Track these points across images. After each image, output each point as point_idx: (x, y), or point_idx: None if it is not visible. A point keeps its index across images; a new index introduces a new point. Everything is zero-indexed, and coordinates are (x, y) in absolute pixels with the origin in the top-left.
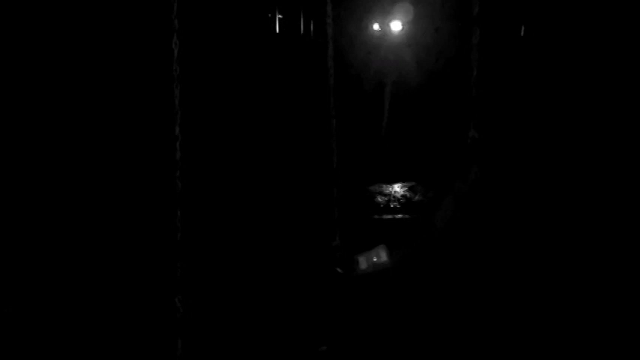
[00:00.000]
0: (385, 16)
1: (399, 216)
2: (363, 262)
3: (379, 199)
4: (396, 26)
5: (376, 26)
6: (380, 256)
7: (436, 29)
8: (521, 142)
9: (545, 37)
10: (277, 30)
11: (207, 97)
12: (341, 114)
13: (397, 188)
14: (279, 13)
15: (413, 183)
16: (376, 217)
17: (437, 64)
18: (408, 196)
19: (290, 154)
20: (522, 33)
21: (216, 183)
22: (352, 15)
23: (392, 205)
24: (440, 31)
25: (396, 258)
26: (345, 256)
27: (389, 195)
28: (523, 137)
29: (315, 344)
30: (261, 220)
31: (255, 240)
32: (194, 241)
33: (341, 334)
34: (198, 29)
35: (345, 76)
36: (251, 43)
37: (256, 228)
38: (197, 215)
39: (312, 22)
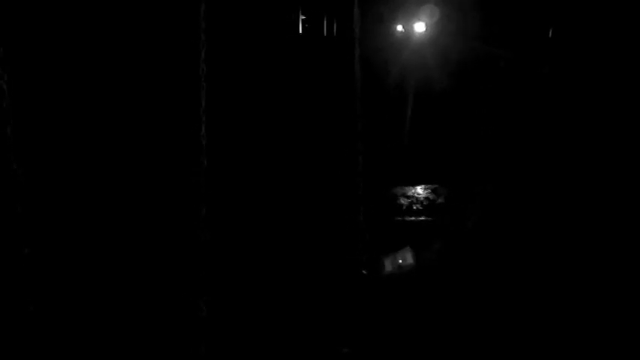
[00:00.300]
0: (409, 18)
1: (422, 218)
2: (388, 265)
3: (402, 201)
4: (419, 27)
5: (400, 27)
6: (405, 258)
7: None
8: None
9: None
10: (300, 31)
11: (233, 97)
12: (364, 115)
13: (420, 190)
14: (303, 15)
15: (435, 185)
16: (399, 219)
17: (460, 66)
18: (431, 198)
19: (315, 156)
20: (550, 34)
21: (242, 184)
22: (376, 16)
23: (414, 208)
24: (465, 35)
25: (421, 260)
26: (371, 257)
27: (411, 197)
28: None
29: (337, 346)
30: (286, 221)
31: (280, 241)
32: (219, 240)
33: (364, 337)
34: (224, 30)
35: (368, 77)
36: (275, 45)
37: (282, 229)
38: (223, 215)
39: (335, 23)
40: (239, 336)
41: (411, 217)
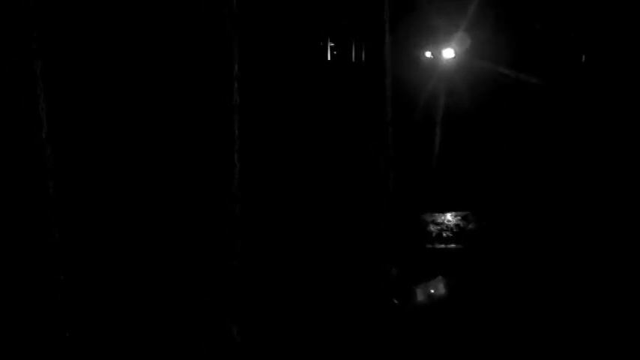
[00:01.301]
0: (438, 44)
1: (452, 246)
2: (420, 294)
3: (432, 227)
4: (448, 54)
5: (428, 54)
6: (438, 288)
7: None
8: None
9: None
10: (329, 58)
11: (263, 125)
12: (394, 142)
13: (450, 217)
14: (331, 41)
15: (466, 212)
16: (429, 246)
17: (488, 93)
18: (461, 225)
19: (346, 182)
20: (584, 60)
21: (272, 218)
22: (404, 43)
23: (444, 235)
24: (496, 62)
25: (453, 290)
26: (402, 286)
27: (441, 224)
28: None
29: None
30: (318, 250)
31: (311, 270)
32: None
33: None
34: (256, 60)
35: (397, 103)
36: (303, 72)
37: (313, 258)
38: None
39: (363, 49)
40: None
41: (440, 244)
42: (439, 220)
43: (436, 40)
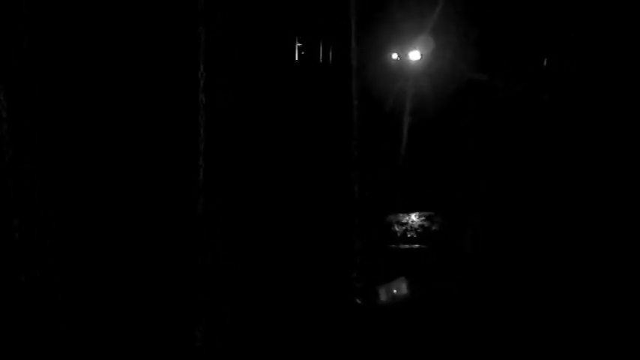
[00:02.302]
0: (404, 46)
1: (416, 246)
2: (383, 294)
3: (396, 228)
4: (414, 56)
5: (395, 56)
6: (400, 288)
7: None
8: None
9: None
10: (296, 58)
11: (228, 124)
12: (359, 143)
13: (414, 218)
14: (299, 42)
15: (430, 213)
16: (393, 246)
17: (454, 96)
18: (426, 225)
19: (310, 182)
20: (545, 64)
21: (234, 215)
22: (370, 44)
23: (409, 235)
24: (460, 64)
25: (417, 290)
26: (365, 287)
27: (406, 224)
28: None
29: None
30: (280, 250)
31: (273, 270)
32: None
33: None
34: (222, 59)
35: (363, 104)
36: (270, 71)
37: (275, 258)
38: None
39: (331, 50)
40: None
41: (405, 244)
42: (404, 221)
43: (402, 42)
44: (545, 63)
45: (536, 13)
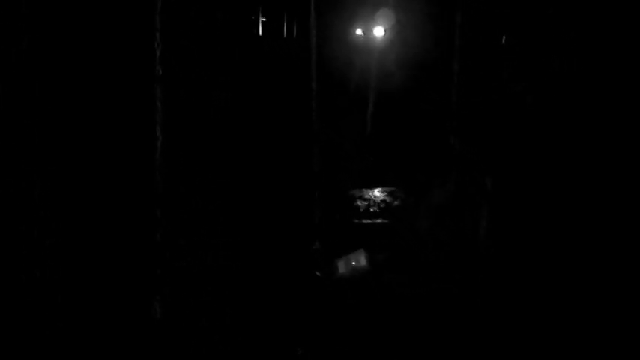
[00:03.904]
0: (368, 22)
1: (379, 221)
2: (342, 266)
3: (359, 203)
4: (378, 32)
5: (359, 31)
6: (359, 260)
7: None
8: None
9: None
10: (260, 32)
11: (188, 98)
12: (323, 118)
13: (377, 193)
14: (263, 16)
15: (393, 188)
16: (356, 221)
17: (418, 70)
18: (388, 201)
19: (271, 158)
20: (504, 41)
21: (196, 183)
22: (335, 20)
23: (372, 210)
24: (423, 39)
25: (375, 262)
26: (325, 259)
27: (369, 200)
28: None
29: (291, 347)
30: (240, 223)
31: (234, 242)
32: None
33: (318, 337)
34: (181, 30)
35: (328, 80)
36: (233, 45)
37: (236, 230)
38: (177, 215)
39: (295, 25)
40: (191, 335)
41: (368, 219)
42: (367, 196)
43: (367, 18)
44: (503, 40)
45: None
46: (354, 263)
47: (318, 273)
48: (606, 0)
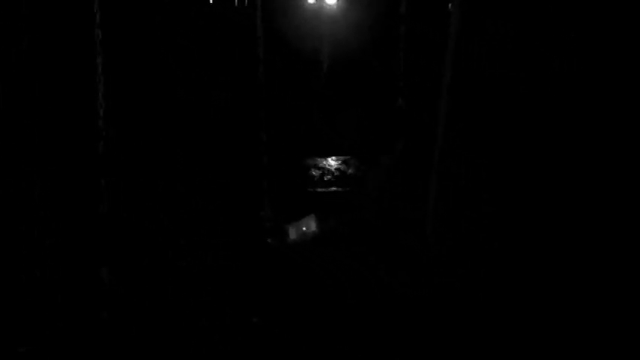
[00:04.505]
0: None
1: (333, 189)
2: (292, 232)
3: (313, 172)
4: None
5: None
6: (309, 226)
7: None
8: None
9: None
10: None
11: (132, 66)
12: (275, 86)
13: (331, 161)
14: None
15: (347, 156)
16: (310, 190)
17: (369, 38)
18: (342, 169)
19: (222, 127)
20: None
21: (140, 152)
22: None
23: (326, 179)
24: (373, 7)
25: (325, 228)
26: (276, 226)
27: (323, 168)
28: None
29: (246, 316)
30: (190, 190)
31: (183, 209)
32: (119, 211)
33: (272, 305)
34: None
35: (279, 48)
36: (182, 12)
37: (185, 198)
38: (122, 185)
39: None
40: (142, 305)
41: (322, 188)
42: (321, 165)
43: None
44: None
45: None
46: (304, 229)
47: (268, 240)
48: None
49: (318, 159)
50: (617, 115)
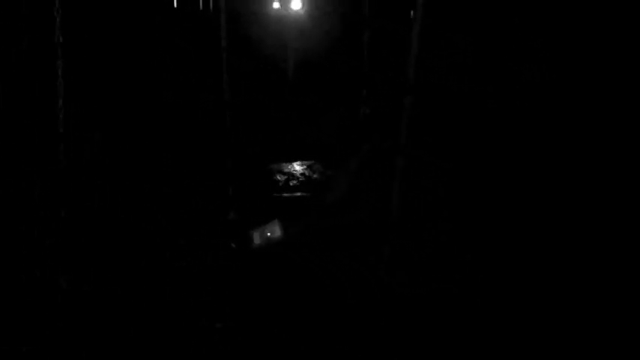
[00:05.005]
0: None
1: (298, 194)
2: (257, 237)
3: (279, 177)
4: (296, 5)
5: (276, 4)
6: (274, 231)
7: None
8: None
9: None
10: (175, 5)
11: (95, 70)
12: (241, 92)
13: (297, 167)
14: None
15: (312, 161)
16: (276, 195)
17: (335, 43)
18: (307, 174)
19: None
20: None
21: (102, 158)
22: None
23: (291, 184)
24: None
25: (289, 233)
26: (240, 231)
27: (288, 173)
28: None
29: (210, 321)
30: (156, 194)
31: (147, 214)
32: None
33: (236, 311)
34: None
35: (244, 53)
36: (147, 18)
37: (150, 203)
38: (82, 189)
39: None
40: (104, 312)
41: (287, 193)
42: (286, 170)
43: None
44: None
45: None
46: (268, 234)
47: (232, 245)
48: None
49: (283, 164)
50: (591, 119)
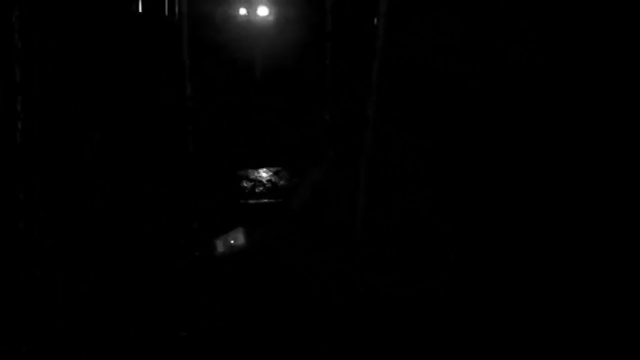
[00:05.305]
0: (252, 1)
1: (264, 200)
2: (220, 245)
3: (245, 183)
4: (262, 12)
5: (243, 11)
6: (237, 238)
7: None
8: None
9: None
10: (140, 10)
11: (57, 77)
12: (205, 99)
13: (263, 173)
14: None
15: (278, 168)
16: (242, 201)
17: (301, 50)
18: (273, 180)
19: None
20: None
21: (61, 167)
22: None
23: (257, 190)
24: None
25: (252, 240)
26: (203, 239)
27: (254, 180)
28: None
29: (174, 330)
30: (116, 205)
31: (108, 225)
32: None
33: (200, 319)
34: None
35: (208, 58)
36: (110, 23)
37: (110, 212)
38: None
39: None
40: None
41: (253, 199)
42: (252, 176)
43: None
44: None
45: None
46: (232, 242)
47: (196, 253)
48: None
49: (250, 170)
50: (576, 100)
